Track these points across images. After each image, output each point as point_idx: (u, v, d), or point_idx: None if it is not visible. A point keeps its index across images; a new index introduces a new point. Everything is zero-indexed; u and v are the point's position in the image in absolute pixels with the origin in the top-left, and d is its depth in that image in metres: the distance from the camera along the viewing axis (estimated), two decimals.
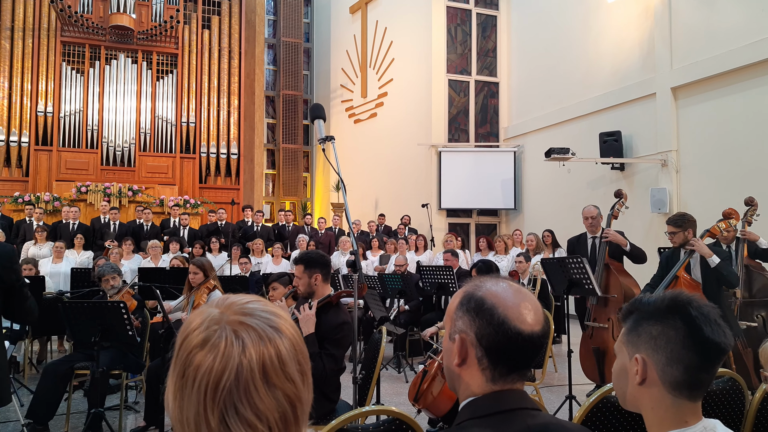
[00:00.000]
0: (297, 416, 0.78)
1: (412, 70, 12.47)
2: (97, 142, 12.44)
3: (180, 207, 10.58)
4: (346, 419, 2.09)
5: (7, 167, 12.02)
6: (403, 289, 6.49)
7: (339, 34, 15.00)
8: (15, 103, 12.05)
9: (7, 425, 4.40)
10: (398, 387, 5.79)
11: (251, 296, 0.86)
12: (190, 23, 13.40)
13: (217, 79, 13.56)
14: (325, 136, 3.17)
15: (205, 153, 13.28)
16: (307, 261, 3.32)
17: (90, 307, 3.96)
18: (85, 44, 12.66)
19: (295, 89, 14.94)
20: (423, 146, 11.92)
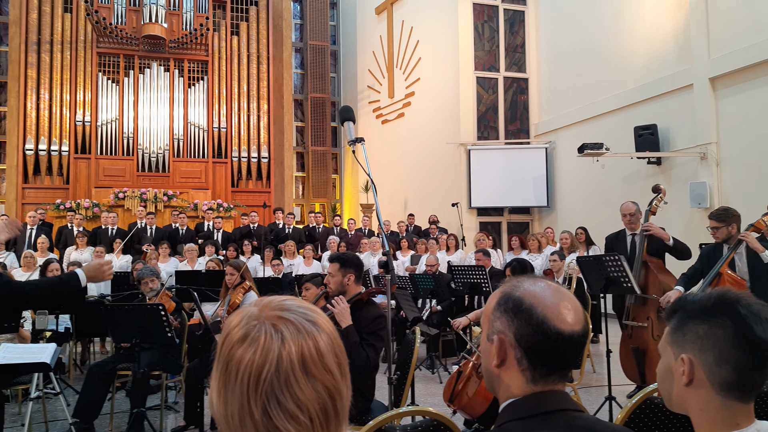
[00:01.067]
0: (337, 409, 0.80)
1: (439, 68, 12.42)
2: (133, 149, 12.74)
3: (213, 211, 10.76)
4: (384, 419, 2.10)
5: (49, 175, 12.41)
6: (435, 290, 6.47)
7: (365, 35, 15.04)
8: (55, 113, 12.44)
9: (56, 424, 4.54)
10: (432, 388, 5.77)
11: (287, 296, 0.88)
12: (219, 30, 13.62)
13: (247, 85, 13.75)
14: (355, 138, 3.19)
15: (237, 157, 13.48)
16: (343, 260, 3.38)
17: (130, 310, 4.06)
18: (119, 54, 12.99)
19: (322, 92, 15.04)
20: (452, 145, 11.86)
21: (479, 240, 8.17)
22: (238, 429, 0.77)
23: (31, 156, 12.20)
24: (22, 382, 4.36)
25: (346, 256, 3.44)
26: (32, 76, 12.36)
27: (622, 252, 4.95)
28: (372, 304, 3.42)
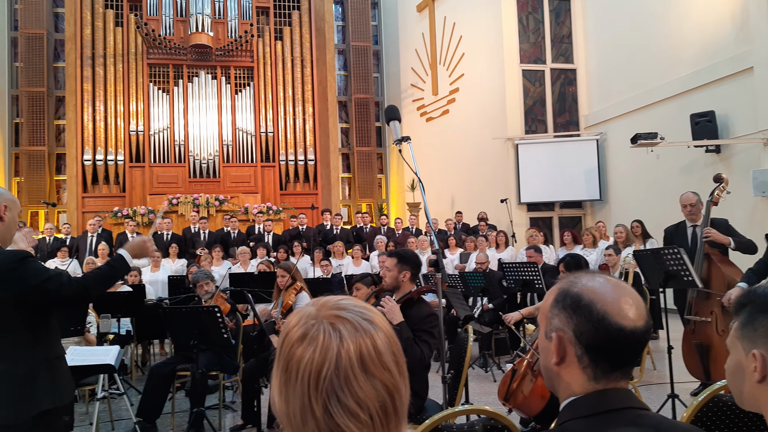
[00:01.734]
0: (396, 407, 0.81)
1: (483, 63, 12.27)
2: (184, 156, 13.12)
3: (263, 214, 10.96)
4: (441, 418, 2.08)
5: (106, 184, 12.93)
6: (486, 287, 6.39)
7: (407, 34, 15.01)
8: (110, 124, 12.94)
9: (121, 423, 4.72)
10: (486, 386, 5.70)
11: (343, 296, 0.90)
12: (263, 36, 13.86)
13: (292, 89, 13.94)
14: (402, 137, 3.17)
15: (284, 161, 13.69)
16: (402, 256, 3.38)
17: (187, 313, 4.17)
18: (168, 65, 13.39)
19: (366, 92, 15.09)
20: (499, 140, 11.69)
21: (531, 236, 8.01)
22: (300, 427, 0.79)
23: (89, 166, 12.73)
24: (89, 383, 4.55)
25: (406, 253, 3.43)
26: (88, 90, 12.90)
27: (682, 244, 4.75)
28: (422, 302, 3.40)
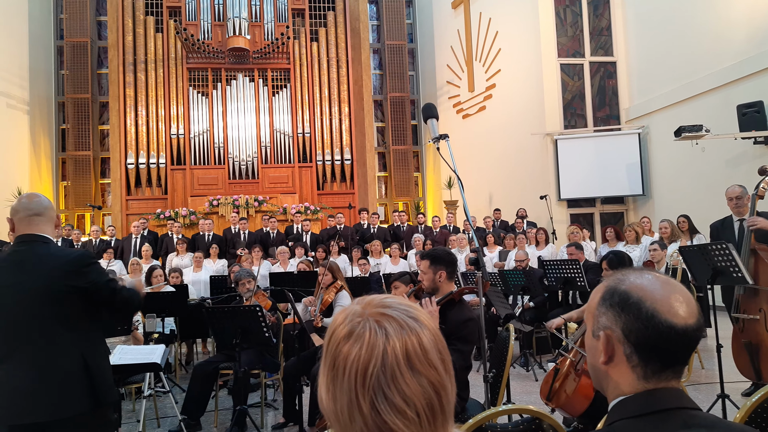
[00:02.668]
0: (443, 405, 0.81)
1: (520, 58, 12.10)
2: (224, 158, 13.36)
3: (301, 214, 11.07)
4: (484, 417, 2.06)
5: (149, 187, 13.28)
6: (526, 286, 6.29)
7: (442, 31, 14.92)
8: (152, 128, 13.29)
9: (166, 420, 4.83)
10: (528, 386, 5.63)
11: (388, 294, 0.91)
12: (299, 38, 14.00)
13: (327, 89, 14.04)
14: (439, 135, 3.15)
15: (321, 161, 13.79)
16: (434, 257, 3.32)
17: (229, 312, 4.24)
18: (207, 68, 13.66)
19: (401, 91, 15.07)
20: (537, 135, 11.51)
21: (572, 233, 7.86)
22: (347, 424, 0.79)
23: (133, 169, 13.09)
24: (136, 381, 4.68)
25: (436, 253, 3.38)
26: (130, 95, 13.27)
27: (729, 239, 4.59)
28: (463, 304, 3.33)
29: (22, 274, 2.23)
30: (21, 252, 2.28)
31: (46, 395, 2.15)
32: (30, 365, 2.17)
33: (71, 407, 2.17)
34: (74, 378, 2.19)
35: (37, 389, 2.14)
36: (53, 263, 2.24)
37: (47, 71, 14.27)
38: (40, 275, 2.22)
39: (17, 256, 2.27)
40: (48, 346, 2.19)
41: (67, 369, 2.19)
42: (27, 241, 2.31)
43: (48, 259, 2.26)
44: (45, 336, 2.20)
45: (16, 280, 2.23)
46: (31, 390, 2.14)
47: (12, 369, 2.17)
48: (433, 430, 0.80)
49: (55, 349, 2.20)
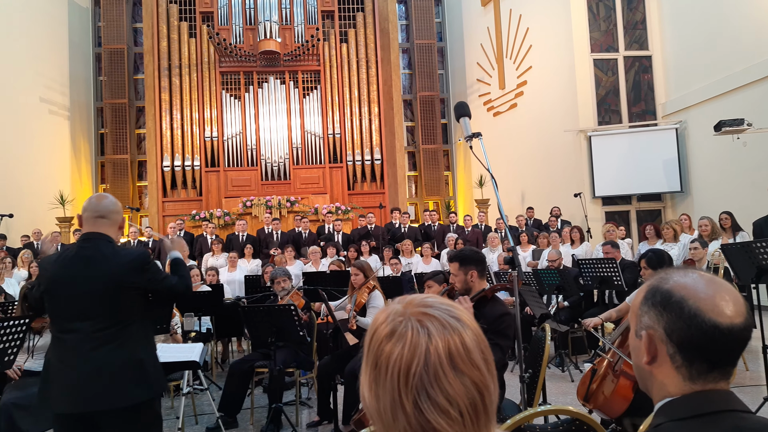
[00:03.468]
0: (486, 405, 0.81)
1: (552, 54, 11.93)
2: (256, 160, 13.53)
3: (332, 214, 11.14)
4: (523, 418, 2.04)
5: (185, 189, 13.55)
6: (560, 285, 6.20)
7: (471, 29, 14.82)
8: (186, 131, 13.55)
9: (204, 417, 4.92)
10: (564, 386, 5.55)
11: (429, 294, 0.89)
12: (329, 39, 14.08)
13: (357, 90, 14.09)
14: (472, 133, 3.13)
15: (351, 161, 13.85)
16: (462, 258, 3.31)
17: (265, 311, 4.29)
18: (239, 72, 13.86)
19: (431, 90, 15.02)
20: (570, 132, 11.33)
21: (608, 231, 7.71)
22: (390, 423, 0.80)
23: (168, 172, 13.37)
24: (174, 378, 4.78)
25: (464, 253, 3.37)
26: (165, 99, 13.55)
27: None
28: (496, 301, 3.33)
29: (87, 269, 2.35)
30: (87, 248, 2.40)
31: (106, 385, 2.25)
32: (90, 356, 2.27)
33: (128, 397, 2.28)
34: (131, 369, 2.30)
35: (96, 379, 2.24)
36: (116, 261, 2.37)
37: (86, 78, 14.69)
38: (104, 271, 2.34)
39: (84, 252, 2.39)
40: (108, 338, 2.30)
41: (125, 360, 2.30)
42: (92, 239, 2.43)
43: (112, 257, 2.38)
44: (105, 328, 2.31)
45: (82, 274, 2.35)
46: (90, 379, 2.24)
47: (72, 359, 2.28)
48: (476, 430, 0.80)
49: (114, 341, 2.30)
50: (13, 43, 12.13)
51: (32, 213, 11.66)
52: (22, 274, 7.95)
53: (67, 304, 2.34)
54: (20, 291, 4.12)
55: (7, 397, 3.61)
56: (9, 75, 11.95)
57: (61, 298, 2.36)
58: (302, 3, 13.85)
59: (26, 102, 12.50)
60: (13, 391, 3.69)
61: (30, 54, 12.62)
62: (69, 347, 2.30)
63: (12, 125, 11.94)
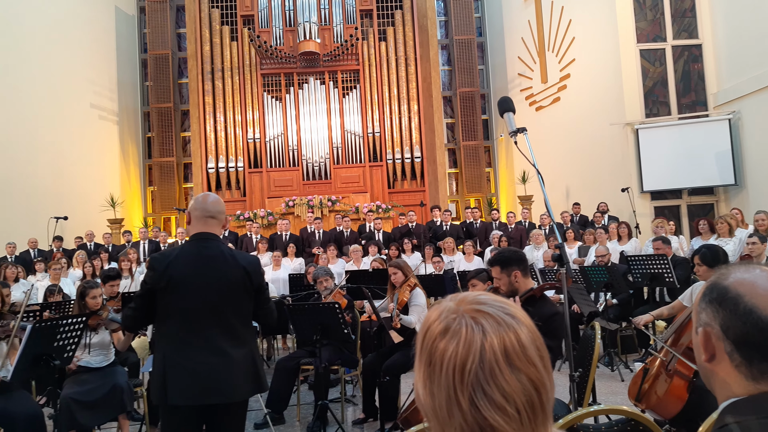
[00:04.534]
0: (543, 403, 0.80)
1: (596, 46, 11.64)
2: (298, 160, 13.70)
3: (373, 213, 11.16)
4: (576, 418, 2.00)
5: (228, 189, 13.82)
6: (609, 282, 6.04)
7: (512, 22, 14.60)
8: (230, 134, 13.82)
9: (251, 413, 5.00)
10: (613, 386, 5.42)
11: (481, 291, 0.90)
12: (367, 39, 14.12)
13: (396, 88, 14.08)
14: (517, 128, 3.08)
15: (391, 159, 13.86)
16: (503, 261, 3.24)
17: (309, 309, 4.33)
18: (280, 74, 14.05)
19: (471, 86, 14.88)
20: (616, 126, 11.03)
21: (657, 226, 7.46)
22: (446, 419, 0.79)
23: (213, 173, 13.67)
24: None
25: (503, 256, 3.29)
26: (209, 102, 13.85)
27: None
28: (545, 300, 3.26)
29: (212, 269, 2.45)
30: (209, 248, 2.49)
31: (228, 380, 2.36)
32: (212, 352, 2.38)
33: (245, 391, 2.43)
34: (247, 365, 2.44)
35: (219, 373, 2.36)
36: (238, 262, 2.48)
37: (133, 83, 15.16)
38: (229, 271, 2.45)
39: (207, 252, 2.48)
40: (231, 335, 2.42)
41: (242, 357, 2.42)
42: (209, 239, 2.52)
43: (232, 258, 2.50)
44: (229, 326, 2.43)
45: (208, 274, 2.44)
46: (214, 373, 2.36)
47: (196, 354, 2.38)
48: (534, 427, 0.79)
49: (236, 339, 2.42)
50: (64, 53, 12.63)
51: (85, 215, 12.12)
52: (77, 274, 8.26)
53: (192, 302, 2.42)
54: (77, 290, 4.28)
55: (66, 391, 3.75)
56: (61, 83, 12.45)
57: (187, 294, 2.42)
58: (341, 3, 13.92)
59: (78, 109, 12.99)
60: (72, 386, 3.83)
61: (80, 62, 13.11)
62: (192, 343, 2.39)
63: (65, 132, 12.44)
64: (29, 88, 11.60)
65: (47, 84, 12.06)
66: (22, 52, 11.51)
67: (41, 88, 11.89)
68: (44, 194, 11.42)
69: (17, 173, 11.00)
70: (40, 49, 11.93)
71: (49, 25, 12.24)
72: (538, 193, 12.71)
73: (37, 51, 11.88)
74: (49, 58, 12.14)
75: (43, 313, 5.07)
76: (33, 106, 11.65)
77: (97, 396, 3.80)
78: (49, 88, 12.09)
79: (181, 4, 14.82)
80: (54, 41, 12.33)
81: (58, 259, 8.17)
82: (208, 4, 14.09)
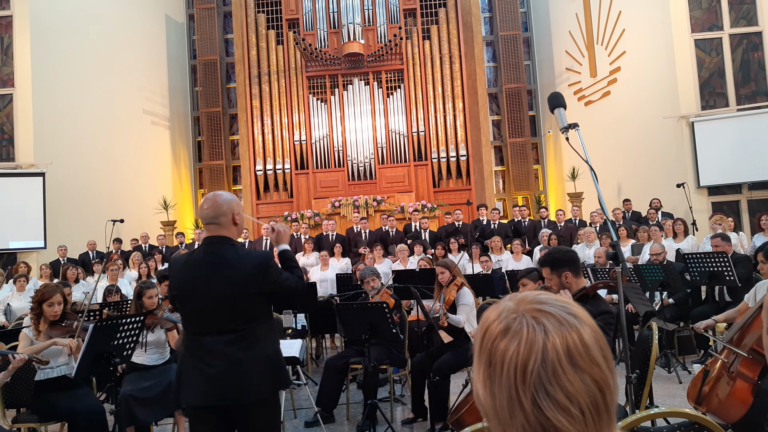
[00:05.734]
0: (607, 403, 0.79)
1: (648, 37, 11.26)
2: (343, 161, 13.80)
3: (419, 212, 11.13)
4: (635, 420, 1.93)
5: (276, 191, 14.06)
6: (665, 281, 5.83)
7: (559, 16, 14.30)
8: (277, 136, 14.05)
9: (302, 411, 5.07)
10: (670, 388, 5.24)
11: (540, 291, 0.89)
12: (411, 38, 14.10)
13: (441, 86, 14.01)
14: (568, 124, 3.00)
15: (436, 158, 13.80)
16: (552, 261, 3.15)
17: (358, 308, 4.35)
18: (325, 75, 14.19)
19: (517, 82, 14.65)
20: (670, 119, 10.64)
21: (716, 222, 7.16)
22: (507, 420, 0.79)
23: (261, 175, 13.93)
24: None
25: (552, 256, 3.19)
26: (256, 106, 14.12)
27: None
28: (598, 298, 3.17)
29: (213, 275, 2.48)
30: (212, 254, 2.52)
31: (238, 381, 2.40)
32: (223, 356, 2.42)
33: (259, 390, 2.42)
34: (261, 365, 2.44)
35: (229, 376, 2.40)
36: (240, 267, 2.48)
37: (183, 89, 15.61)
38: (229, 278, 2.47)
39: (209, 258, 2.52)
40: (236, 338, 2.44)
41: (254, 358, 2.43)
42: (215, 242, 2.55)
43: (236, 263, 2.49)
44: (234, 330, 2.45)
45: (209, 280, 2.48)
46: (223, 376, 2.40)
47: (205, 358, 2.44)
48: (598, 429, 0.78)
49: (242, 341, 2.44)
50: (119, 62, 13.13)
51: (139, 218, 12.56)
52: (133, 275, 8.57)
53: (196, 307, 2.49)
54: (134, 290, 4.43)
55: (125, 388, 3.89)
56: (116, 91, 12.96)
57: (190, 302, 2.51)
58: (384, 3, 13.94)
59: (131, 115, 13.49)
60: (130, 384, 3.97)
61: (133, 70, 13.60)
62: (202, 347, 2.46)
63: (120, 137, 12.93)
64: (88, 97, 12.13)
65: (103, 93, 12.58)
66: (81, 64, 12.04)
67: (98, 97, 12.42)
68: (101, 198, 11.91)
69: (76, 178, 11.52)
70: (97, 59, 12.45)
71: (105, 36, 12.77)
72: (588, 190, 12.40)
73: (95, 61, 12.41)
74: (105, 68, 12.66)
75: (103, 311, 5.28)
76: (91, 115, 12.17)
77: (153, 393, 3.92)
78: (105, 97, 12.60)
79: (229, 11, 15.18)
80: (109, 51, 12.84)
81: (115, 260, 8.49)
82: (255, 9, 14.37)
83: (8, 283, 7.79)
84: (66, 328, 3.75)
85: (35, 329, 3.77)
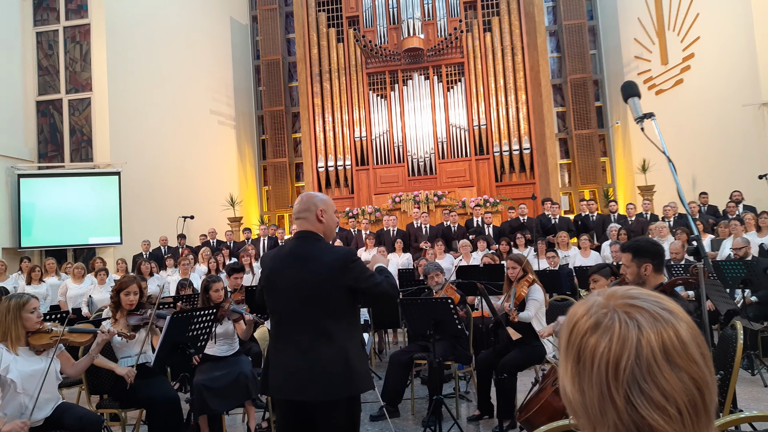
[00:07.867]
0: (706, 403, 0.76)
1: (724, 21, 10.62)
2: (403, 156, 13.80)
3: (481, 207, 10.97)
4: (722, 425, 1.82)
5: (338, 187, 14.23)
6: (747, 278, 5.48)
7: (627, 3, 13.72)
8: (338, 133, 14.21)
9: (366, 405, 5.10)
10: (755, 391, 4.95)
11: (631, 286, 0.85)
12: (471, 30, 13.91)
13: (503, 78, 13.74)
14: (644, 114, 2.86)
15: (498, 152, 13.56)
16: (636, 249, 3.00)
17: (422, 304, 4.33)
18: (384, 72, 14.21)
19: (582, 72, 14.19)
20: (750, 106, 10.01)
21: None
22: (598, 417, 0.77)
23: (323, 172, 14.13)
24: None
25: (640, 244, 3.05)
26: (318, 104, 14.32)
27: None
28: (676, 296, 3.01)
29: (297, 268, 2.51)
30: (299, 246, 2.57)
31: (313, 378, 2.39)
32: (301, 350, 2.43)
33: (332, 392, 2.38)
34: (337, 366, 2.39)
35: (305, 372, 2.40)
36: (323, 261, 2.48)
37: (248, 89, 16.05)
38: (313, 271, 2.47)
39: (296, 250, 2.56)
40: (317, 335, 2.43)
41: (331, 357, 2.40)
42: (302, 237, 2.59)
43: (319, 256, 2.50)
44: (314, 326, 2.44)
45: (293, 273, 2.51)
46: (301, 371, 2.41)
47: (285, 350, 2.47)
48: (696, 429, 0.75)
49: (323, 337, 2.43)
50: (187, 65, 13.63)
51: (207, 214, 13.02)
52: (202, 269, 8.87)
53: (280, 298, 2.53)
54: (201, 284, 4.59)
55: (198, 378, 4.03)
56: (184, 93, 13.46)
57: (274, 293, 2.56)
58: None
59: (199, 115, 13.98)
60: (202, 374, 4.11)
61: (200, 71, 14.09)
62: (285, 339, 2.50)
63: (189, 137, 13.43)
64: (160, 100, 12.66)
65: (174, 95, 13.10)
66: (153, 68, 12.58)
67: (169, 99, 12.94)
68: (172, 195, 12.42)
69: (149, 177, 12.05)
70: (168, 63, 12.98)
71: (175, 41, 13.29)
72: (660, 182, 11.86)
73: (166, 66, 12.94)
74: (175, 72, 13.19)
75: (177, 304, 5.51)
76: (162, 116, 12.71)
77: (224, 383, 4.04)
78: (175, 99, 13.13)
79: (290, 11, 15.46)
80: (179, 55, 13.36)
81: (186, 255, 8.82)
82: (315, 8, 14.56)
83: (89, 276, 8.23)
84: (140, 316, 3.92)
85: (113, 317, 3.97)
